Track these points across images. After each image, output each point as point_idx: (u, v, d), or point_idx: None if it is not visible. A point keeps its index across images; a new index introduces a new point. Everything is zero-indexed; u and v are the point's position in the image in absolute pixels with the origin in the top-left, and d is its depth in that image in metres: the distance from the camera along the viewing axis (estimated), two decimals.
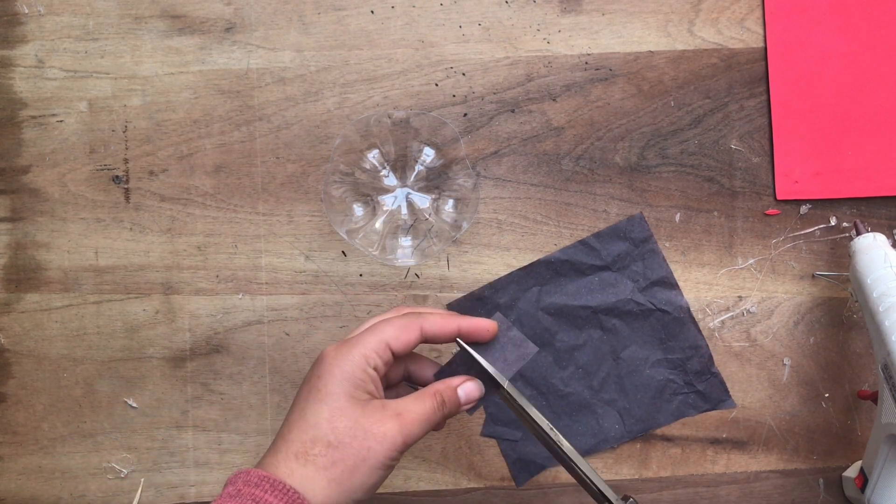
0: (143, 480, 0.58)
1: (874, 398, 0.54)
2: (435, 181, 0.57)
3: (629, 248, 0.57)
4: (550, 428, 0.45)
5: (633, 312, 0.57)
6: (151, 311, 0.58)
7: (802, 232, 0.58)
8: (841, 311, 0.58)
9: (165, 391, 0.58)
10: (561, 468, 0.57)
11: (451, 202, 0.57)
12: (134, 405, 0.58)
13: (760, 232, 0.58)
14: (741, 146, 0.58)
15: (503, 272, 0.57)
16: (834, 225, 0.58)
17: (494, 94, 0.58)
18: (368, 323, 0.45)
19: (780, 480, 0.58)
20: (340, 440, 0.40)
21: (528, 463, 0.57)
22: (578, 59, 0.58)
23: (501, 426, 0.57)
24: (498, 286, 0.57)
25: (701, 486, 0.58)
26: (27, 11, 0.58)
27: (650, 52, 0.58)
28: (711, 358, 0.57)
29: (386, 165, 0.57)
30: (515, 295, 0.57)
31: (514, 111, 0.58)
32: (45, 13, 0.58)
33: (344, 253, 0.58)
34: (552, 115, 0.58)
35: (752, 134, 0.58)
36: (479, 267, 0.58)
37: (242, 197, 0.58)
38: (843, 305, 0.58)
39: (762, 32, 0.58)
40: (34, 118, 0.58)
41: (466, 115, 0.58)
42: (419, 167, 0.56)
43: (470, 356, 0.46)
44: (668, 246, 0.58)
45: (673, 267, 0.57)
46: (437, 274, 0.58)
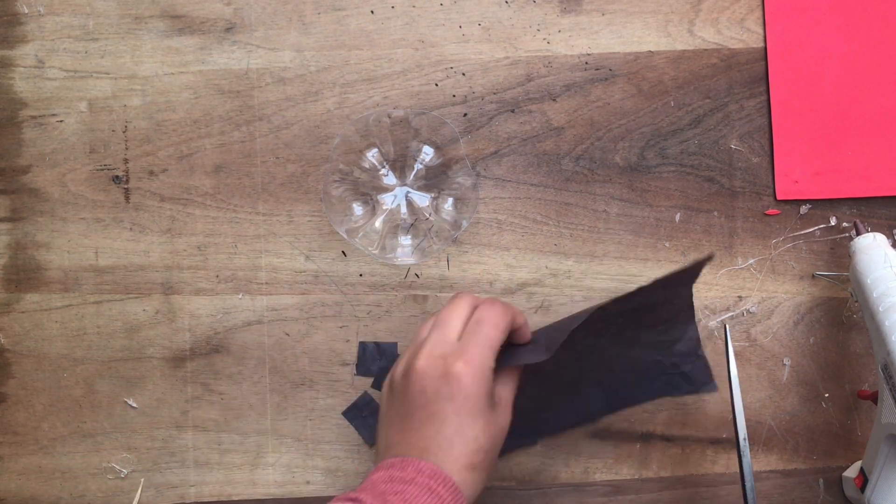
0: (143, 480, 0.58)
1: (874, 398, 0.54)
2: (434, 180, 0.57)
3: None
4: None
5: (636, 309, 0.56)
6: (151, 311, 0.58)
7: (802, 232, 0.58)
8: (841, 311, 0.58)
9: (165, 391, 0.58)
10: (561, 468, 0.57)
11: (450, 201, 0.57)
12: (134, 405, 0.58)
13: (760, 232, 0.58)
14: (741, 146, 0.58)
15: (503, 272, 0.57)
16: (834, 225, 0.58)
17: (494, 94, 0.58)
18: (463, 302, 0.48)
19: (780, 480, 0.58)
20: (494, 444, 0.46)
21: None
22: (578, 59, 0.58)
23: (517, 436, 0.56)
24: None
25: (701, 486, 0.57)
26: (27, 11, 0.58)
27: (650, 52, 0.58)
28: (699, 340, 0.56)
29: (385, 164, 0.57)
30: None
31: (514, 111, 0.58)
32: (45, 13, 0.58)
33: (344, 253, 0.58)
34: (552, 115, 0.58)
35: (752, 134, 0.58)
36: (479, 267, 0.58)
37: (242, 197, 0.58)
38: (843, 305, 0.58)
39: (762, 32, 0.58)
40: (34, 118, 0.58)
41: (466, 115, 0.58)
42: (419, 166, 0.56)
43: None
44: (668, 246, 0.58)
45: (673, 267, 0.57)
46: (436, 274, 0.58)
